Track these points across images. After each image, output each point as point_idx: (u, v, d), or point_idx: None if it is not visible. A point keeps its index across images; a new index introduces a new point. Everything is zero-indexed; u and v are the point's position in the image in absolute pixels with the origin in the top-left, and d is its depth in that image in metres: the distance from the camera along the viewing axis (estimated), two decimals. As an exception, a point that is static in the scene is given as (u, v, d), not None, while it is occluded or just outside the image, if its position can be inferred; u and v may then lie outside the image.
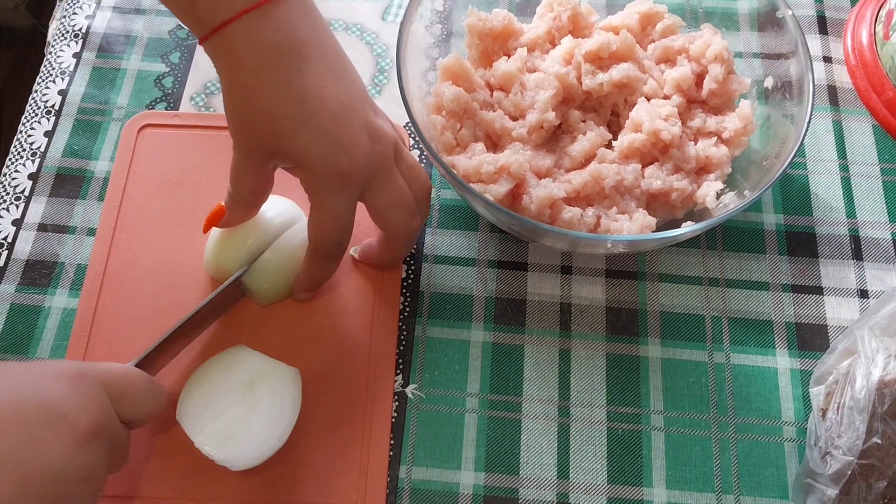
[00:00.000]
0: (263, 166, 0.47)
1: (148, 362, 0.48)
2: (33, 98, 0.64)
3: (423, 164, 0.61)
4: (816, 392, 0.49)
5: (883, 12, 0.65)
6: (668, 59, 0.59)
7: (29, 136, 0.62)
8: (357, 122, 0.45)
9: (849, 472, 0.44)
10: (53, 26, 0.68)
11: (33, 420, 0.37)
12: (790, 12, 0.56)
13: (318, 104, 0.44)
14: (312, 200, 0.47)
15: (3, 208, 0.59)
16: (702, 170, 0.56)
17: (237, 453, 0.45)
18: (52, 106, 0.63)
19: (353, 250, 0.56)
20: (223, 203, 0.50)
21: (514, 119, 0.57)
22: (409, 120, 0.54)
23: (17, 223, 0.58)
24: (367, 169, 0.46)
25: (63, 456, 0.37)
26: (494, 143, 0.57)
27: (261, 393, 0.47)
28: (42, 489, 0.37)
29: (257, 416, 0.46)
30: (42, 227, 0.58)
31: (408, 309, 0.56)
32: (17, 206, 0.59)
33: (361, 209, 0.49)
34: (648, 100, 0.57)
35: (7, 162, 0.61)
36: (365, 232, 0.55)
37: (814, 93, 0.53)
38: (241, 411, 0.46)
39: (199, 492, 0.49)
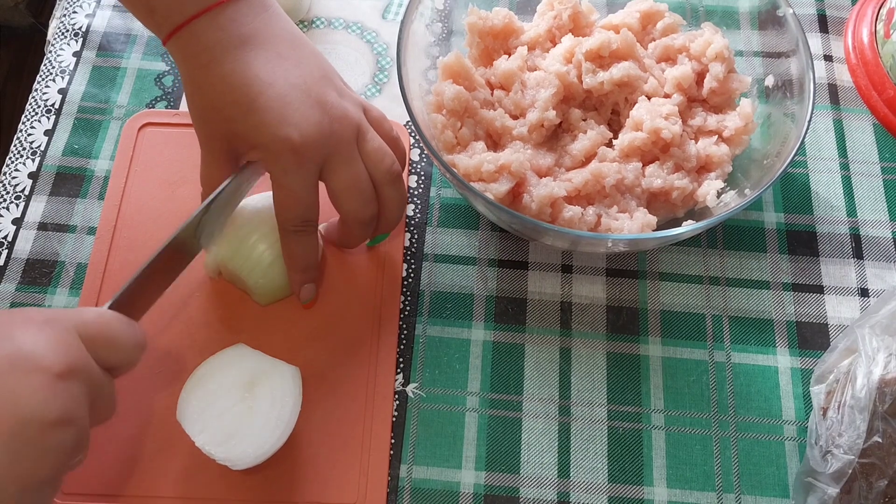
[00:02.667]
0: (226, 158, 0.48)
1: (127, 304, 0.45)
2: (33, 97, 0.64)
3: (423, 162, 0.61)
4: (817, 391, 0.49)
5: (884, 11, 0.65)
6: (669, 58, 0.59)
7: (29, 134, 0.62)
8: (309, 100, 0.47)
9: (850, 471, 0.44)
10: (53, 25, 0.68)
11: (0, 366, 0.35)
12: (791, 11, 0.56)
13: (265, 86, 0.46)
14: (272, 180, 0.48)
15: (4, 207, 0.59)
16: (702, 168, 0.56)
17: (238, 452, 0.45)
18: (53, 105, 0.63)
19: (321, 226, 0.56)
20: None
21: (515, 118, 0.57)
22: (409, 118, 0.54)
23: (18, 222, 0.58)
24: (320, 146, 0.46)
25: (33, 399, 0.35)
26: (495, 141, 0.57)
27: (261, 392, 0.47)
28: (12, 436, 0.34)
29: (258, 416, 0.46)
30: (42, 226, 0.58)
31: (408, 308, 0.56)
32: (18, 205, 0.59)
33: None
34: (649, 98, 0.57)
35: (7, 161, 0.61)
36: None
37: (814, 91, 0.53)
38: (242, 410, 0.46)
39: (199, 491, 0.49)
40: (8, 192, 0.59)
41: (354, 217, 0.50)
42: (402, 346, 0.54)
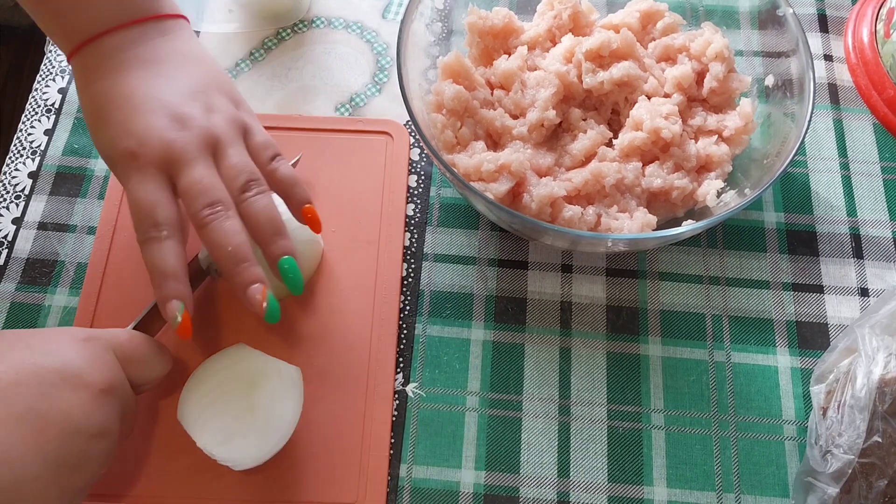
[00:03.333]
0: (130, 171, 0.47)
1: (146, 325, 0.49)
2: (33, 96, 0.64)
3: (423, 161, 0.61)
4: (817, 390, 0.49)
5: (884, 10, 0.65)
6: (669, 58, 0.59)
7: (29, 134, 0.62)
8: (162, 111, 0.46)
9: (849, 471, 0.44)
10: (53, 24, 0.68)
11: (49, 379, 0.40)
12: (791, 10, 0.56)
13: (122, 101, 0.47)
14: (126, 193, 0.46)
15: (4, 207, 0.59)
16: (702, 168, 0.56)
17: (239, 453, 0.45)
18: (53, 104, 0.63)
19: None
20: None
21: (515, 117, 0.57)
22: (409, 118, 0.54)
23: (18, 222, 0.58)
24: (160, 150, 0.45)
25: (79, 412, 0.39)
26: (495, 141, 0.57)
27: (262, 392, 0.47)
28: (60, 443, 0.39)
29: (259, 416, 0.46)
30: (42, 226, 0.58)
31: (408, 307, 0.56)
32: (18, 205, 0.59)
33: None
34: (649, 98, 0.57)
35: (7, 160, 0.61)
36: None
37: (814, 91, 0.53)
38: (243, 410, 0.46)
39: (200, 491, 0.49)
40: (8, 192, 0.59)
41: (193, 221, 0.46)
42: (401, 346, 0.54)
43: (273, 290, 0.47)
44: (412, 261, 0.57)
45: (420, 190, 0.60)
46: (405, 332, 0.55)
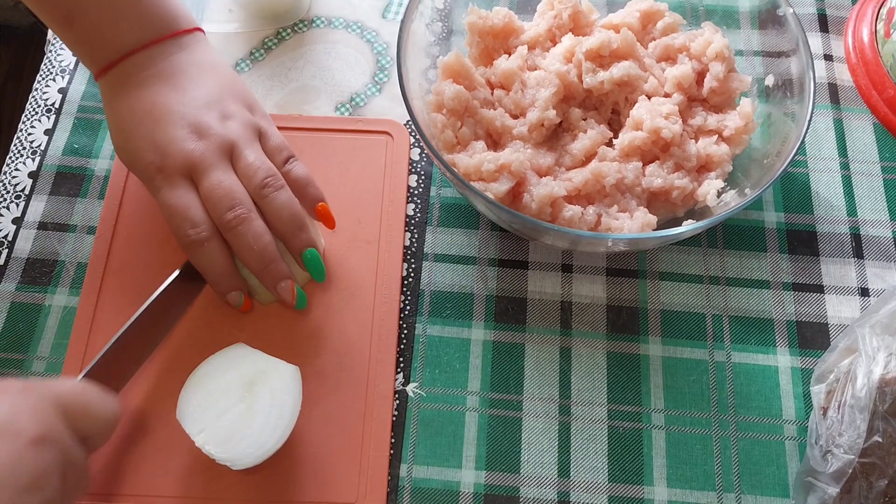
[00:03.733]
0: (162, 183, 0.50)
1: (104, 374, 0.47)
2: (33, 96, 0.64)
3: (423, 161, 0.61)
4: (817, 390, 0.49)
5: (884, 10, 0.65)
6: (669, 58, 0.59)
7: (29, 134, 0.62)
8: (181, 122, 0.50)
9: (850, 471, 0.44)
10: (53, 24, 0.68)
11: None
12: (791, 10, 0.56)
13: (144, 116, 0.50)
14: (158, 203, 0.50)
15: (4, 207, 0.59)
16: (703, 168, 0.56)
17: (238, 452, 0.45)
18: (53, 104, 0.63)
19: None
20: None
21: (515, 117, 0.57)
22: (409, 118, 0.54)
23: (18, 221, 0.58)
24: (182, 159, 0.49)
25: (6, 462, 0.35)
26: (495, 141, 0.57)
27: (261, 391, 0.47)
28: None
29: (258, 415, 0.46)
30: (42, 226, 0.58)
31: (408, 307, 0.56)
32: (18, 205, 0.59)
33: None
34: (649, 98, 0.57)
35: (7, 160, 0.61)
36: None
37: (815, 91, 0.53)
38: (242, 410, 0.46)
39: (199, 490, 0.49)
40: (8, 192, 0.59)
41: (218, 224, 0.49)
42: (402, 346, 0.54)
43: (296, 278, 0.52)
44: (412, 261, 0.57)
45: (420, 190, 0.60)
46: (405, 331, 0.55)
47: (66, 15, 0.51)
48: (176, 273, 0.52)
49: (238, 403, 0.46)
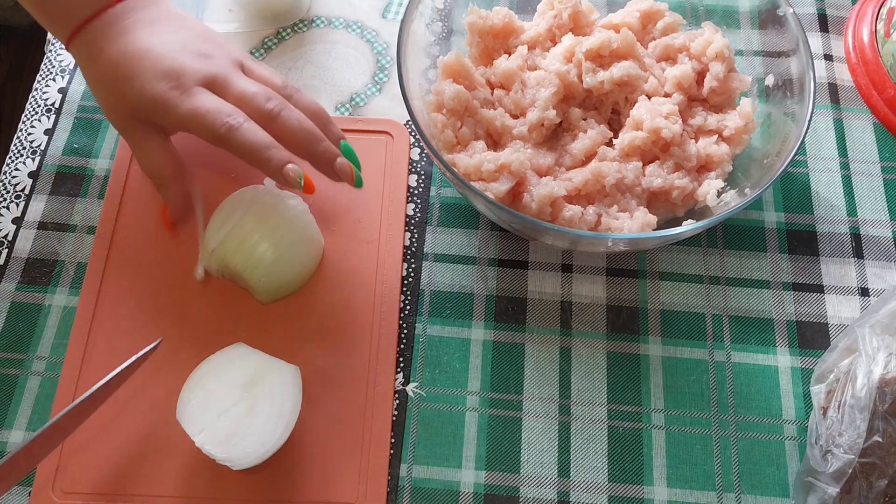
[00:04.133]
0: (149, 134, 0.52)
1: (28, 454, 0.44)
2: (33, 96, 0.64)
3: (423, 161, 0.61)
4: (817, 390, 0.49)
5: (884, 10, 0.65)
6: (669, 57, 0.59)
7: (29, 134, 0.62)
8: (183, 51, 0.52)
9: (850, 471, 0.44)
10: (53, 24, 0.68)
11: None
12: (791, 10, 0.56)
13: (144, 52, 0.51)
14: (180, 120, 0.50)
15: (4, 206, 0.59)
16: (703, 168, 0.56)
17: (238, 452, 0.45)
18: (53, 104, 0.63)
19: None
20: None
21: (515, 117, 0.57)
22: (409, 118, 0.54)
23: (18, 221, 0.58)
24: (201, 75, 0.51)
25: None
26: (495, 141, 0.57)
27: (261, 391, 0.47)
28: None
29: (258, 415, 0.46)
30: (42, 226, 0.58)
31: (408, 307, 0.56)
32: (18, 205, 0.59)
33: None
34: (649, 98, 0.57)
35: (7, 160, 0.61)
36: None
37: (815, 91, 0.53)
38: (242, 410, 0.46)
39: (199, 490, 0.49)
40: (8, 192, 0.59)
41: (260, 116, 0.51)
42: (402, 346, 0.54)
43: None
44: (412, 260, 0.57)
45: (420, 189, 0.60)
46: (405, 331, 0.55)
47: None
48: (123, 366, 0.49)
49: (238, 403, 0.47)
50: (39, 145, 0.61)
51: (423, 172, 0.61)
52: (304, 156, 0.52)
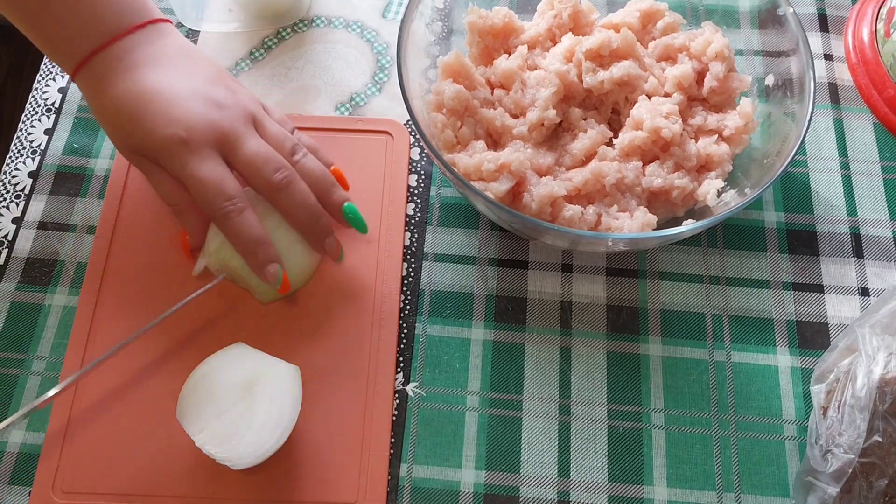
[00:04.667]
0: (151, 167, 0.51)
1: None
2: (33, 96, 0.64)
3: (423, 161, 0.61)
4: (817, 390, 0.49)
5: (884, 10, 0.65)
6: (669, 57, 0.59)
7: (29, 133, 0.62)
8: (195, 98, 0.50)
9: (850, 471, 0.44)
10: (53, 24, 0.68)
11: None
12: (791, 10, 0.56)
13: (153, 95, 0.50)
14: (182, 179, 0.50)
15: (4, 206, 0.59)
16: (703, 168, 0.56)
17: (238, 452, 0.45)
18: (53, 104, 0.63)
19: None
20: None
21: (515, 117, 0.57)
22: (409, 117, 0.54)
23: (18, 221, 0.58)
24: (210, 130, 0.50)
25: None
26: (495, 140, 0.57)
27: (261, 391, 0.47)
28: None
29: (258, 415, 0.46)
30: (42, 226, 0.58)
31: (408, 307, 0.56)
32: (18, 204, 0.59)
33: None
34: (649, 97, 0.57)
35: (7, 160, 0.61)
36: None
37: (815, 90, 0.53)
38: (242, 410, 0.46)
39: (199, 490, 0.49)
40: (8, 191, 0.59)
41: (264, 186, 0.51)
42: (401, 346, 0.54)
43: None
44: (412, 260, 0.57)
45: (420, 189, 0.60)
46: (405, 331, 0.55)
47: (34, 12, 0.50)
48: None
49: (238, 403, 0.46)
50: (39, 145, 0.61)
51: (423, 172, 0.61)
52: (300, 229, 0.53)
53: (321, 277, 0.56)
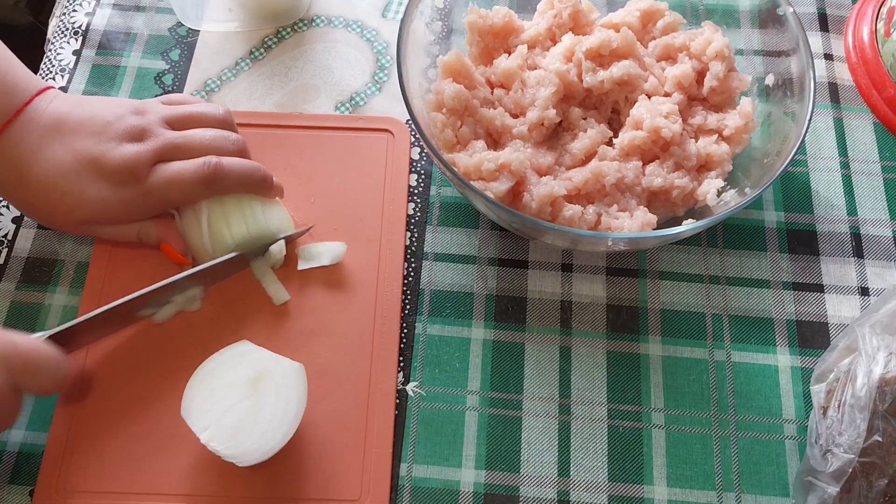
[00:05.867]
0: (99, 229, 0.54)
1: (70, 337, 0.49)
2: (33, 95, 0.63)
3: (423, 160, 0.61)
4: (817, 390, 0.49)
5: (884, 9, 0.65)
6: (669, 57, 0.59)
7: (29, 133, 0.62)
8: (86, 173, 0.50)
9: (850, 470, 0.44)
10: (53, 23, 0.68)
11: None
12: (791, 9, 0.56)
13: (67, 170, 0.50)
14: (162, 182, 0.51)
15: (4, 206, 0.59)
16: (703, 167, 0.56)
17: (244, 449, 0.45)
18: (52, 103, 0.63)
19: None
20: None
21: (515, 116, 0.57)
22: (409, 117, 0.54)
23: (18, 221, 0.58)
24: (153, 153, 0.51)
25: None
26: (495, 140, 0.57)
27: (266, 388, 0.47)
28: None
29: (263, 412, 0.46)
30: (42, 225, 0.58)
31: (409, 306, 0.56)
32: (18, 204, 0.59)
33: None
34: (649, 97, 0.57)
35: (7, 159, 0.61)
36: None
37: (815, 90, 0.53)
38: (247, 407, 0.46)
39: (204, 488, 0.49)
40: (8, 191, 0.59)
41: (199, 182, 0.52)
42: (402, 345, 0.54)
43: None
44: (412, 260, 0.57)
45: (420, 189, 0.60)
46: (405, 331, 0.55)
47: None
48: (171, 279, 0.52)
49: (243, 400, 0.46)
50: (39, 145, 0.61)
51: (423, 172, 0.61)
52: (243, 189, 0.54)
53: (322, 277, 0.56)
